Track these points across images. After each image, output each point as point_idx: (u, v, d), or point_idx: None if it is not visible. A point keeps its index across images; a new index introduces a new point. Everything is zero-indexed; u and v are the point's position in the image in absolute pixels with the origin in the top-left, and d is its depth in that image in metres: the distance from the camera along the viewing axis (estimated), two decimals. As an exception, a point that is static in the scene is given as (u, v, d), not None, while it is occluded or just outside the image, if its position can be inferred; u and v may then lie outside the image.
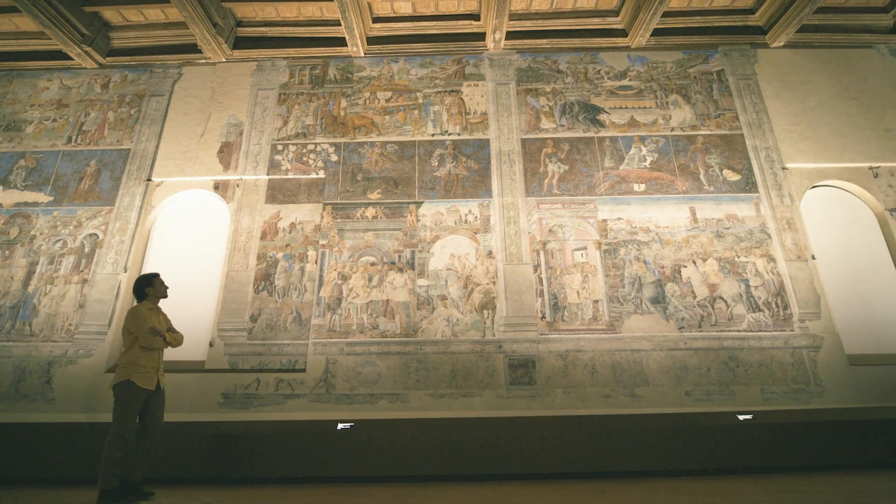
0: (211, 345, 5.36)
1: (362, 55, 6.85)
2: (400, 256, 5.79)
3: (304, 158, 6.27)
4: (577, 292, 5.65)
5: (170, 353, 5.49)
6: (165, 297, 3.97)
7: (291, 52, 6.86)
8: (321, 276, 5.67)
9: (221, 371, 5.23)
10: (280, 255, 5.76)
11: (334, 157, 6.28)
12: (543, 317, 5.52)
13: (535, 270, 5.73)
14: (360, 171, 6.21)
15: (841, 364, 5.28)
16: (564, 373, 5.26)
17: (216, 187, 6.16)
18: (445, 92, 6.66)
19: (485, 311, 5.55)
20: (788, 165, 6.22)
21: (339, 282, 5.65)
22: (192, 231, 6.15)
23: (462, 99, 6.61)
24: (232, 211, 6.01)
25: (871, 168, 6.22)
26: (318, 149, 6.33)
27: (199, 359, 5.44)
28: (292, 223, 5.93)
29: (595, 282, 5.70)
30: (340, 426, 4.12)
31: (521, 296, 5.59)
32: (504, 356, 5.33)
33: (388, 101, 6.60)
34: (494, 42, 6.66)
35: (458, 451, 4.17)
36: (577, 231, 5.93)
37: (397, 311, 5.54)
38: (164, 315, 3.92)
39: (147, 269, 5.95)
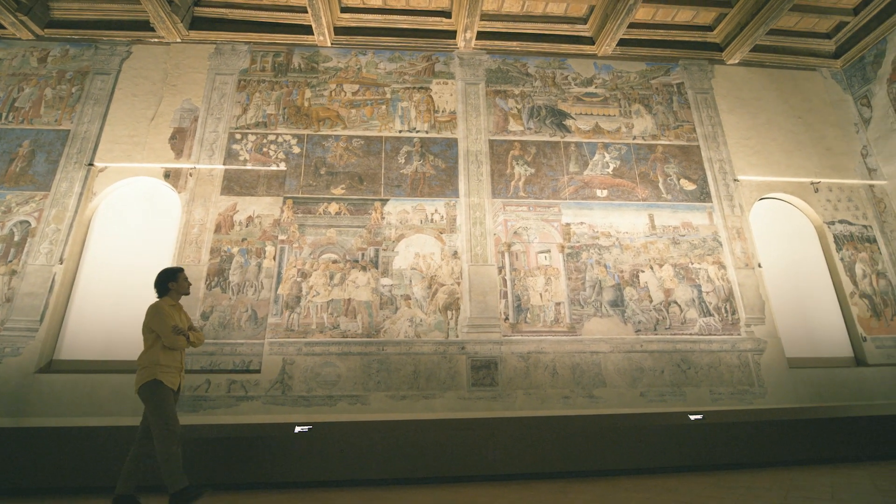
0: (157, 343, 5.07)
1: (329, 45, 6.70)
2: (363, 254, 5.70)
3: (265, 149, 6.05)
4: (540, 294, 5.77)
5: (109, 353, 5.18)
6: (188, 293, 3.79)
7: (254, 36, 6.60)
8: (280, 273, 5.49)
9: (168, 371, 4.95)
10: (236, 249, 5.54)
11: (297, 150, 6.10)
12: (507, 318, 5.59)
13: (500, 272, 5.80)
14: (324, 164, 6.06)
15: (781, 367, 5.66)
16: (526, 374, 5.36)
17: (167, 175, 5.84)
18: (414, 88, 6.62)
19: (449, 312, 5.56)
20: (740, 177, 6.60)
21: (299, 279, 5.50)
22: (138, 221, 5.80)
23: (431, 96, 6.59)
24: (184, 201, 5.72)
25: (812, 183, 6.71)
26: (280, 140, 6.13)
27: (144, 358, 5.13)
28: (250, 217, 5.71)
29: (558, 284, 5.83)
30: (298, 429, 4.00)
31: (486, 297, 5.64)
32: (467, 357, 5.36)
33: (354, 94, 6.49)
34: (465, 41, 6.69)
35: (419, 454, 4.16)
36: (542, 234, 6.05)
37: (359, 310, 5.46)
38: (185, 312, 3.73)
39: (86, 261, 5.57)
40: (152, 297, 3.63)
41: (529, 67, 6.94)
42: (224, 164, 5.91)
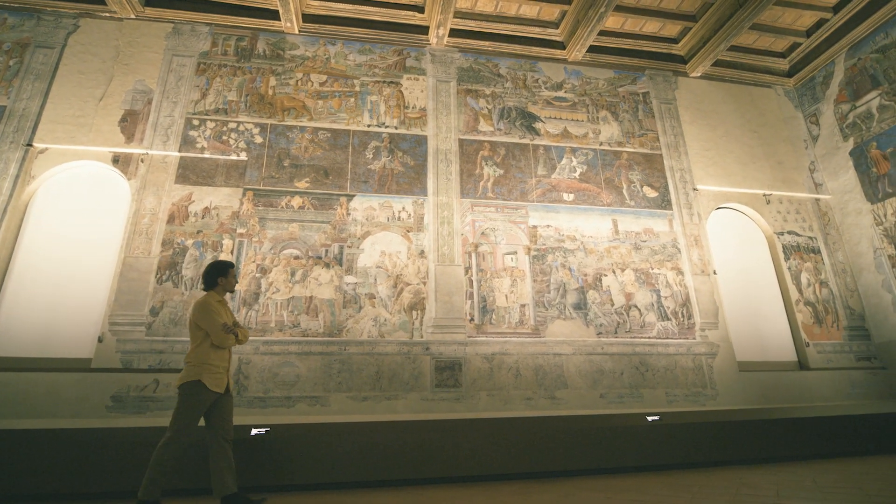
0: (100, 340, 4.79)
1: (296, 32, 6.53)
2: (327, 251, 5.60)
3: (224, 137, 5.83)
4: (506, 296, 5.84)
5: (45, 350, 4.85)
6: (233, 291, 3.65)
7: (216, 17, 6.35)
8: (237, 268, 5.30)
9: (112, 371, 4.70)
10: (190, 242, 5.30)
11: (259, 139, 5.91)
12: (472, 319, 5.63)
13: (467, 272, 5.83)
14: (288, 156, 5.90)
15: (732, 370, 5.98)
16: (490, 375, 5.41)
17: (116, 161, 5.52)
18: (384, 82, 6.55)
19: (414, 312, 5.54)
20: (699, 187, 6.92)
21: (258, 275, 5.33)
22: (82, 209, 5.45)
23: (401, 91, 6.55)
24: (134, 189, 5.42)
25: (764, 195, 7.12)
26: (241, 128, 5.92)
27: (84, 356, 4.84)
28: (206, 208, 5.48)
29: (523, 286, 5.93)
30: (254, 431, 3.87)
31: (452, 297, 5.65)
32: (431, 358, 5.36)
33: (322, 84, 6.35)
34: (437, 38, 6.68)
35: (381, 456, 4.12)
36: (509, 235, 6.13)
37: (321, 308, 5.35)
38: (229, 308, 3.58)
39: (22, 249, 5.18)
40: (95, 290, 3.42)
41: (501, 68, 7.02)
42: (180, 151, 5.65)
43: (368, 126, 6.27)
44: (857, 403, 5.67)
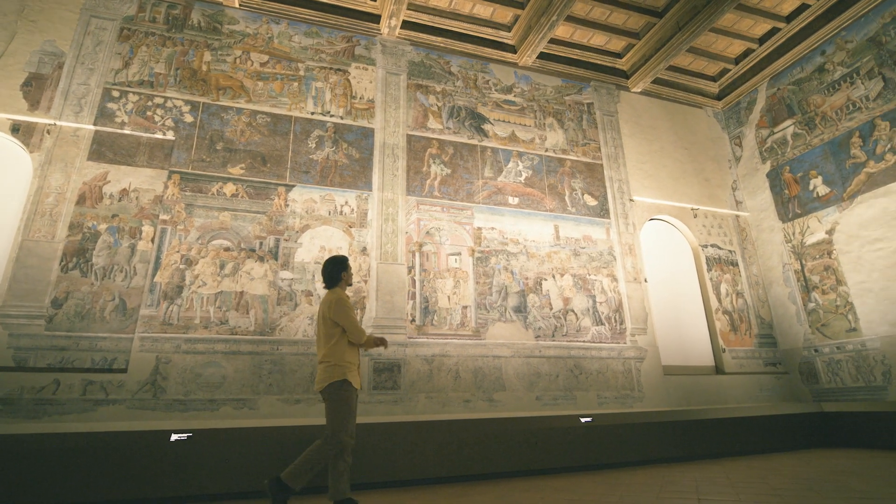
0: (-13, 334, 4.27)
1: (237, 6, 6.18)
2: (262, 243, 5.36)
3: (149, 113, 5.40)
4: (448, 297, 5.91)
5: (-83, 343, 4.27)
6: (351, 284, 3.65)
7: (142, -20, 5.86)
8: (158, 258, 4.95)
9: (2, 370, 4.20)
10: (103, 226, 4.87)
11: (189, 118, 5.54)
12: (413, 320, 5.64)
13: (410, 272, 5.83)
14: (222, 139, 5.59)
15: (658, 373, 6.44)
16: (429, 377, 5.44)
17: (15, 129, 4.93)
18: (331, 69, 6.38)
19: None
20: (635, 198, 7.38)
21: (182, 266, 5.00)
22: (-32, 182, 4.83)
23: (349, 80, 6.41)
24: (37, 163, 4.88)
25: (692, 209, 7.73)
26: (169, 104, 5.51)
27: (-34, 352, 4.29)
28: (124, 189, 5.06)
29: (466, 288, 6.02)
30: (175, 437, 3.63)
31: (393, 297, 5.63)
32: (370, 359, 5.30)
33: (263, 65, 6.07)
34: (389, 28, 6.61)
35: (314, 462, 4.02)
36: (454, 236, 6.20)
37: (253, 304, 5.12)
38: None
39: None
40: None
41: (452, 66, 7.07)
42: (95, 124, 5.16)
43: (312, 113, 6.07)
44: (764, 405, 6.32)
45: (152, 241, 4.98)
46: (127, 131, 5.24)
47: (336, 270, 3.48)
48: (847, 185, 6.59)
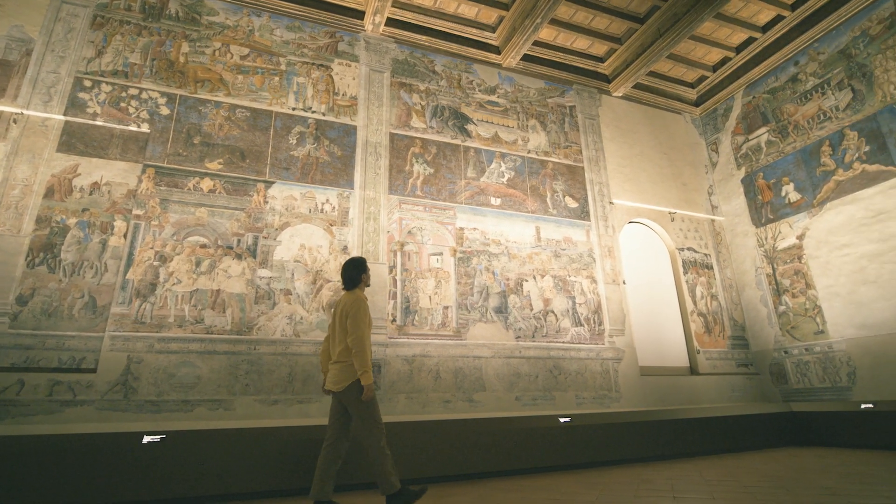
0: (-54, 332, 4.09)
1: (216, -3, 6.06)
2: (240, 241, 5.27)
3: (123, 104, 5.25)
4: (430, 297, 5.91)
5: None
6: (369, 285, 3.70)
7: (117, -34, 5.69)
8: (131, 254, 4.82)
9: (-39, 369, 4.03)
10: (73, 221, 4.71)
11: (165, 111, 5.41)
12: (394, 320, 5.62)
13: (391, 272, 5.81)
14: (199, 133, 5.47)
15: (635, 374, 6.57)
16: (409, 378, 5.44)
17: (-22, 118, 4.74)
18: (314, 65, 6.31)
19: (333, 311, 5.40)
20: (614, 201, 7.51)
21: (156, 263, 4.88)
22: (-74, 171, 4.61)
23: (332, 76, 6.35)
24: (3, 153, 4.68)
25: (670, 213, 7.91)
26: (145, 96, 5.37)
27: (-77, 351, 4.11)
28: (96, 183, 4.90)
29: (447, 288, 6.03)
30: (147, 439, 3.54)
31: (374, 297, 5.60)
32: (349, 359, 5.25)
33: (243, 58, 5.96)
34: (374, 25, 6.57)
35: (291, 463, 3.97)
36: (436, 236, 6.21)
37: (230, 303, 5.03)
38: None
39: None
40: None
41: (437, 65, 7.07)
42: (65, 114, 4.98)
43: (294, 109, 5.99)
44: (735, 405, 6.51)
45: (125, 236, 4.84)
46: (99, 122, 5.08)
47: (356, 272, 3.51)
48: (817, 193, 6.84)
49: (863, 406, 5.72)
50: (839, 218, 6.54)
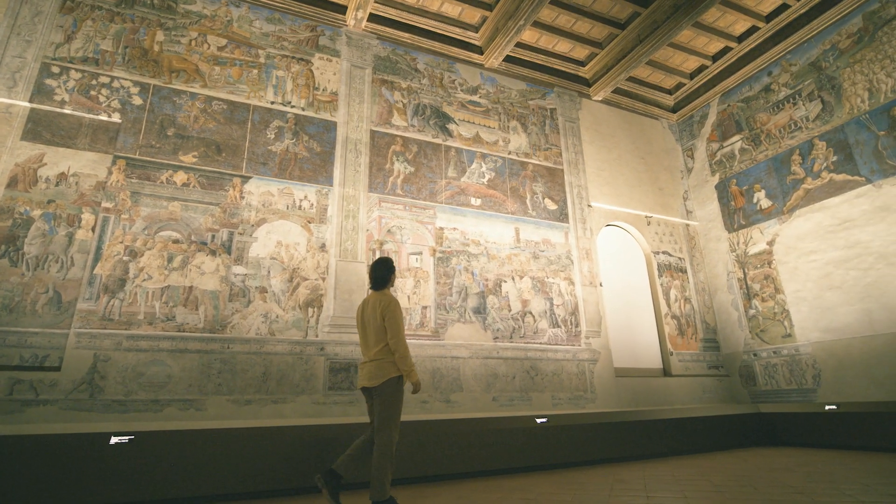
0: None
1: (193, -15, 5.93)
2: (214, 236, 5.17)
3: (93, 92, 5.09)
4: (408, 297, 5.91)
5: None
6: (394, 286, 3.79)
7: (89, -51, 5.52)
8: (99, 248, 4.68)
9: (-87, 366, 3.86)
10: (38, 213, 4.55)
11: (138, 101, 5.27)
12: (372, 319, 5.59)
13: (370, 270, 5.77)
14: (174, 125, 5.34)
15: (610, 375, 6.70)
16: (387, 378, 5.41)
17: (-65, 102, 4.53)
18: (294, 58, 6.23)
19: (310, 309, 5.36)
20: (593, 204, 7.64)
21: (126, 258, 4.75)
22: None
23: (312, 71, 6.28)
24: (-39, 141, 4.50)
25: (646, 217, 8.09)
26: (116, 84, 5.22)
27: None
28: (63, 173, 4.75)
29: (426, 288, 6.04)
30: (115, 440, 3.44)
31: (352, 295, 5.57)
32: (326, 359, 5.23)
33: (221, 49, 5.85)
34: (356, 20, 6.53)
35: (264, 464, 3.92)
36: (415, 235, 6.21)
37: (203, 300, 4.93)
38: None
39: None
40: None
41: (419, 63, 7.07)
42: (31, 101, 4.80)
43: (272, 103, 5.91)
44: (706, 406, 6.71)
45: (93, 230, 4.70)
46: (67, 111, 4.92)
47: (387, 272, 3.57)
48: (787, 200, 7.10)
49: (827, 407, 5.96)
50: (807, 225, 6.80)
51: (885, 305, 5.89)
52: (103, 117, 5.04)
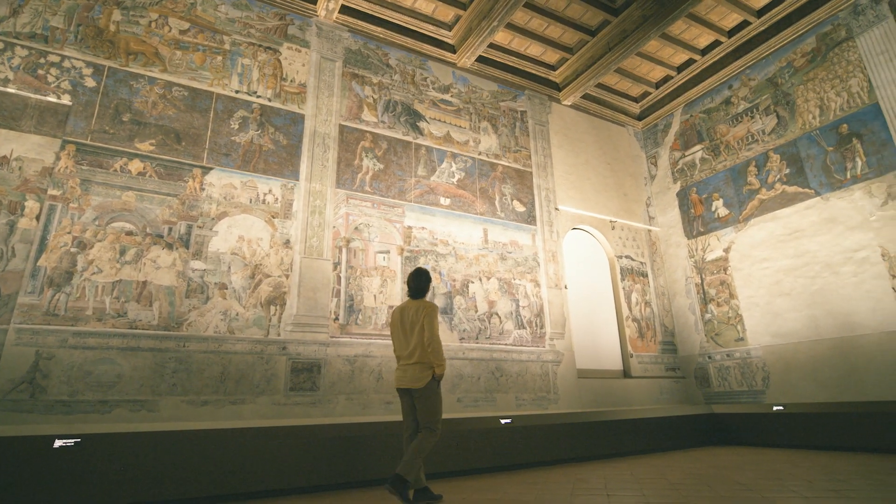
0: None
1: (154, -36, 5.69)
2: (171, 229, 4.99)
3: (41, 71, 4.81)
4: (375, 296, 5.88)
5: None
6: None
7: (39, -83, 5.20)
8: (44, 239, 4.43)
9: None
10: (-26, 198, 4.26)
11: (91, 83, 5.01)
12: (336, 318, 5.54)
13: (335, 268, 5.72)
14: (130, 110, 5.11)
15: (572, 376, 6.88)
16: (350, 378, 5.38)
17: None
18: (261, 47, 6.08)
19: (272, 307, 5.25)
20: (560, 207, 7.82)
21: (74, 250, 4.52)
22: None
23: (280, 61, 6.15)
24: None
25: (611, 221, 8.34)
26: (67, 64, 4.94)
27: None
28: (5, 157, 4.46)
29: (393, 287, 6.02)
30: (59, 443, 3.27)
31: (316, 294, 5.49)
32: (288, 359, 5.13)
33: (183, 33, 5.64)
34: (327, 11, 6.43)
35: (221, 468, 3.82)
36: (383, 234, 6.18)
37: (158, 296, 4.75)
38: None
39: None
40: None
41: (391, 59, 7.04)
42: (-31, 78, 4.50)
43: (237, 92, 5.75)
44: (663, 407, 6.99)
45: (37, 218, 4.45)
46: (11, 90, 4.62)
47: (427, 283, 3.92)
48: (743, 209, 7.48)
49: (774, 408, 6.33)
50: (761, 234, 7.19)
51: (829, 312, 6.31)
52: (52, 98, 4.77)
